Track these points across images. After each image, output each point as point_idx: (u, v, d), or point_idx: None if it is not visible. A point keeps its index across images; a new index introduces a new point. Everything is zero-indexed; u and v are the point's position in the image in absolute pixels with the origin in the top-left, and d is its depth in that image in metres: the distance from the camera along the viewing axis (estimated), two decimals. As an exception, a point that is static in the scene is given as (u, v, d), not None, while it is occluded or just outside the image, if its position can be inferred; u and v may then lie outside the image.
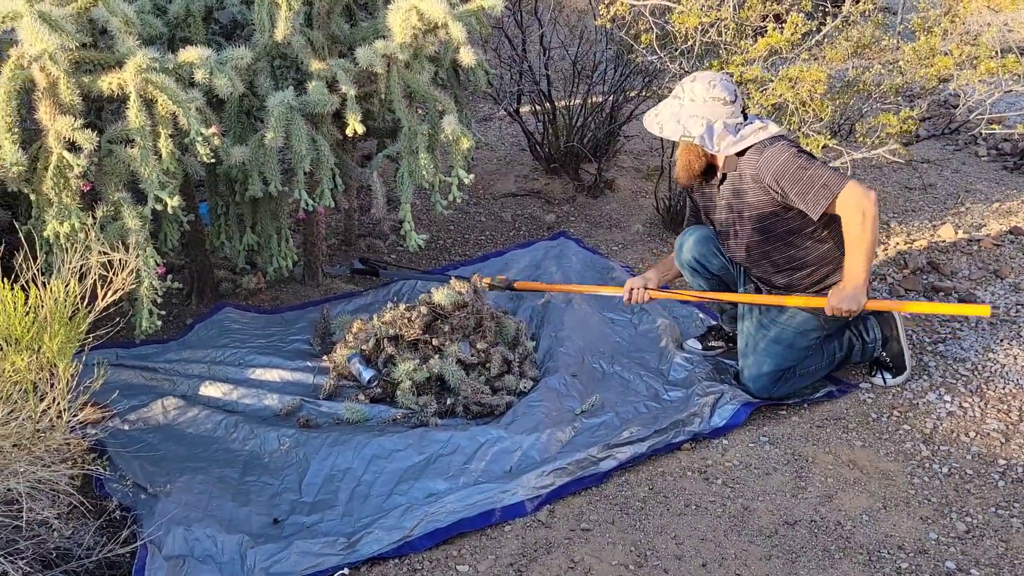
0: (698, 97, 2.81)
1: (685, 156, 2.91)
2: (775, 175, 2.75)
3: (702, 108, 2.80)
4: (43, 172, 2.60)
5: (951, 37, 3.75)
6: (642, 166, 5.05)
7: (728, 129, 2.80)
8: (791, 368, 2.92)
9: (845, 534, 2.37)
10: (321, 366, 3.14)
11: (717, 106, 2.80)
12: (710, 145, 2.80)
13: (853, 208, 2.69)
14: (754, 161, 2.80)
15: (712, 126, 2.80)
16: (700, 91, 2.81)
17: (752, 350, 2.95)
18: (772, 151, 2.78)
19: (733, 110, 2.81)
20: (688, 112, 2.82)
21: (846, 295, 2.76)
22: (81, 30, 2.62)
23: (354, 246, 4.11)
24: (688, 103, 2.83)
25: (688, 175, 2.94)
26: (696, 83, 2.82)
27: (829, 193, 2.70)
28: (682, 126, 2.82)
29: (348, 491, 2.54)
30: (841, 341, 3.01)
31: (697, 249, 3.12)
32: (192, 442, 2.72)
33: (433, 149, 3.21)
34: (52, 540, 2.02)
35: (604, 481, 2.58)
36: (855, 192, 2.69)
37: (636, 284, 3.15)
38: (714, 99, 2.79)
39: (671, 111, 2.87)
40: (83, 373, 2.07)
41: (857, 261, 2.74)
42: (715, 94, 2.79)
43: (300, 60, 3.06)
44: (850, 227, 2.73)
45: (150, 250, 2.76)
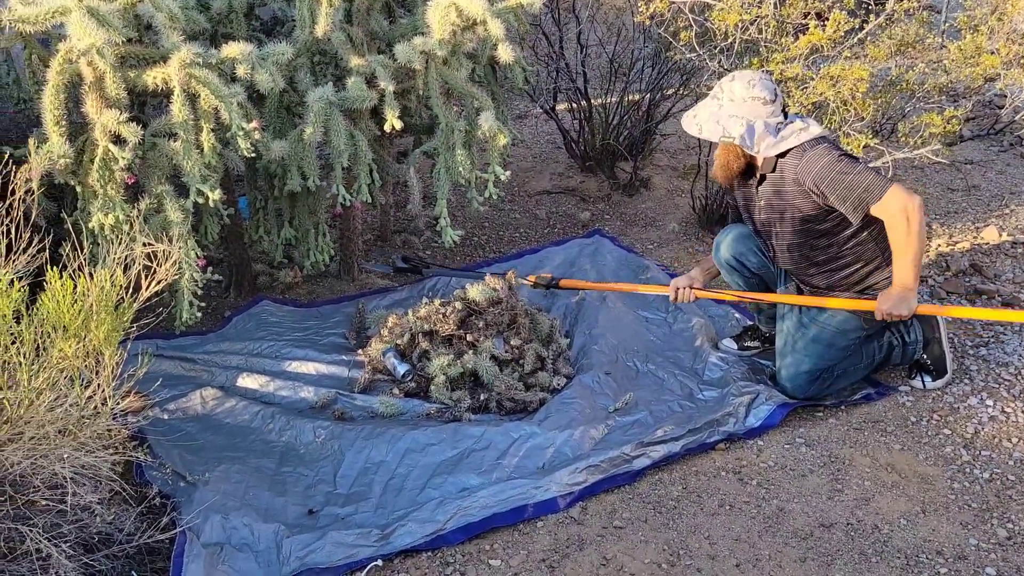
0: (737, 97, 2.77)
1: (724, 156, 2.88)
2: (816, 179, 2.71)
3: (741, 108, 2.77)
4: (89, 165, 2.65)
5: (998, 36, 3.68)
6: (678, 164, 5.02)
7: (768, 130, 2.76)
8: (829, 368, 2.89)
9: (882, 538, 2.34)
10: (356, 360, 3.17)
11: (757, 106, 2.76)
12: (750, 146, 2.77)
13: (897, 213, 2.65)
14: (795, 164, 2.76)
15: (752, 126, 2.76)
16: (739, 90, 2.77)
17: (791, 349, 2.92)
18: (813, 154, 2.74)
19: (773, 109, 2.78)
20: (727, 112, 2.79)
21: (895, 299, 2.72)
22: (127, 25, 2.67)
23: (389, 242, 4.14)
24: (727, 103, 2.79)
25: (727, 175, 2.91)
26: (735, 82, 2.78)
27: (871, 198, 2.66)
28: (721, 127, 2.79)
29: (382, 484, 2.56)
30: (881, 343, 2.97)
31: (735, 247, 3.09)
32: (230, 432, 2.76)
33: (470, 146, 3.23)
34: (94, 525, 2.06)
35: (637, 479, 2.58)
36: (899, 197, 2.64)
37: (682, 283, 3.12)
38: (754, 98, 2.76)
39: (710, 112, 2.84)
40: (126, 362, 2.11)
41: (905, 266, 2.70)
42: (755, 93, 2.76)
43: (339, 56, 3.08)
44: (895, 232, 2.68)
45: (191, 243, 2.80)
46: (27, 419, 1.92)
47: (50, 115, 2.56)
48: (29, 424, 1.93)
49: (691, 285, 3.11)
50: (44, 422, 1.93)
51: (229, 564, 2.18)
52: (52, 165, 2.58)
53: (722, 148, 2.87)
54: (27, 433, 1.93)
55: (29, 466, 1.95)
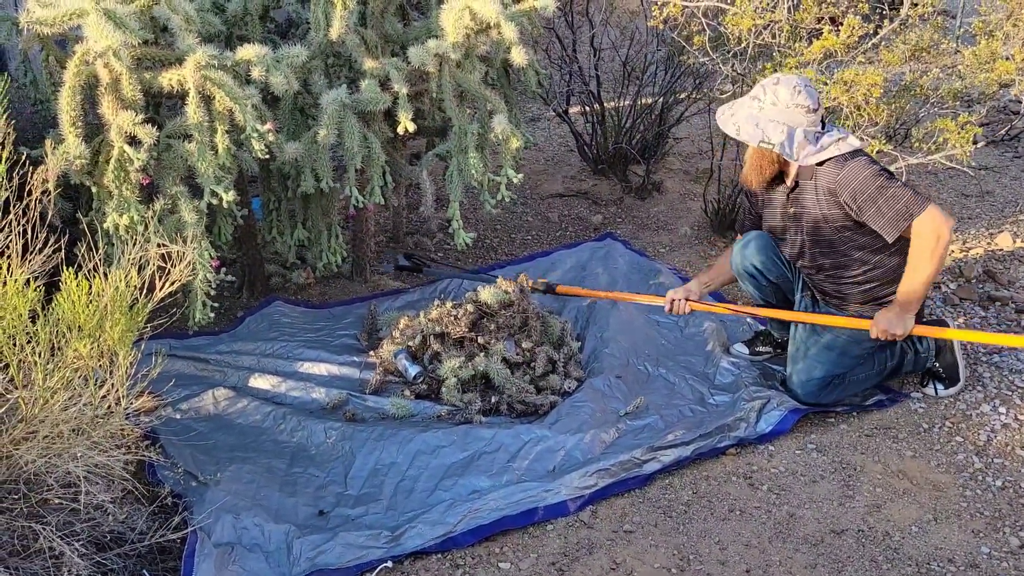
0: (780, 102, 2.72)
1: (757, 160, 2.84)
2: (853, 192, 2.68)
3: (784, 114, 2.72)
4: (104, 165, 2.67)
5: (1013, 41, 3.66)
6: (691, 168, 5.02)
7: (808, 138, 2.72)
8: (841, 375, 2.88)
9: (893, 545, 2.33)
10: (368, 361, 3.18)
11: (799, 113, 2.71)
12: (790, 154, 2.73)
13: (929, 233, 2.61)
14: (833, 175, 2.72)
15: (792, 134, 2.71)
16: (784, 96, 2.72)
17: (803, 355, 2.92)
18: (853, 166, 2.69)
19: (814, 119, 2.73)
20: (768, 116, 2.74)
21: (892, 319, 2.72)
22: (143, 27, 2.69)
23: (402, 243, 4.15)
24: (769, 107, 2.74)
25: (759, 179, 2.88)
26: (780, 87, 2.73)
27: (909, 216, 2.62)
28: (761, 131, 2.73)
29: (392, 485, 2.56)
30: (893, 351, 2.95)
31: (758, 257, 3.06)
32: (241, 432, 2.77)
33: (483, 148, 3.23)
34: (107, 523, 2.08)
35: (647, 483, 2.57)
36: (935, 217, 2.60)
37: (678, 295, 3.11)
38: (797, 106, 2.71)
39: (749, 113, 2.78)
40: (140, 362, 2.12)
41: (914, 285, 2.69)
42: (799, 101, 2.70)
43: (354, 59, 3.09)
44: (919, 250, 2.65)
45: (205, 243, 2.82)
46: (42, 418, 1.94)
47: (66, 116, 2.59)
48: (43, 423, 1.94)
49: (687, 297, 3.10)
50: (58, 421, 1.95)
51: (240, 564, 2.19)
52: (68, 166, 2.60)
53: (756, 153, 2.83)
54: (41, 432, 1.94)
55: (43, 465, 1.96)
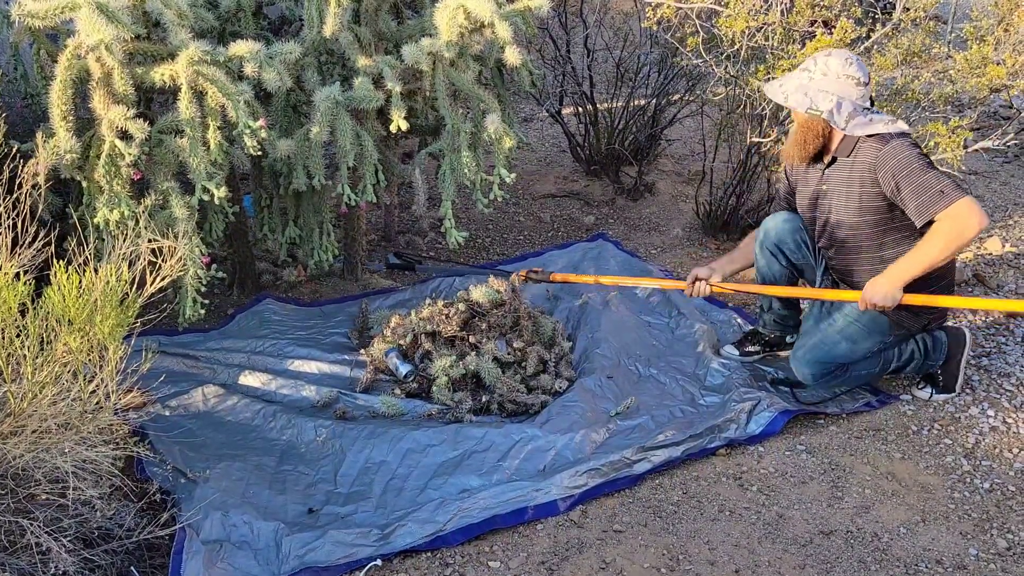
0: (831, 72, 2.71)
1: (802, 134, 2.81)
2: (894, 169, 2.65)
3: (834, 84, 2.71)
4: (95, 160, 2.66)
5: (1004, 46, 3.69)
6: (683, 170, 5.03)
7: (857, 111, 2.70)
8: (845, 366, 2.87)
9: (882, 546, 2.34)
10: (358, 359, 3.17)
11: (849, 85, 2.70)
12: (837, 122, 2.70)
13: (955, 222, 2.57)
14: (875, 150, 2.69)
15: (841, 103, 2.70)
16: (835, 66, 2.70)
17: (816, 335, 2.89)
18: (896, 145, 2.67)
19: (864, 93, 2.72)
20: (817, 86, 2.72)
21: (881, 291, 2.69)
22: (136, 22, 2.68)
23: (393, 242, 4.14)
24: (819, 77, 2.72)
25: (802, 154, 2.84)
26: (832, 58, 2.72)
27: (945, 201, 2.58)
28: (809, 99, 2.71)
29: (382, 483, 2.56)
30: (902, 349, 2.93)
31: (782, 235, 3.04)
32: (231, 430, 2.76)
33: (476, 147, 3.23)
34: (95, 520, 2.06)
35: (638, 483, 2.58)
36: (968, 209, 2.56)
37: (702, 274, 3.07)
38: (848, 76, 2.69)
39: (798, 83, 2.76)
40: (129, 358, 2.11)
41: (911, 265, 2.66)
42: (850, 72, 2.69)
43: (347, 56, 3.09)
44: (937, 233, 2.61)
45: (196, 240, 2.81)
46: (30, 413, 1.93)
47: (57, 110, 2.57)
48: (32, 418, 1.93)
49: (709, 279, 3.06)
50: (47, 416, 1.94)
51: (228, 561, 2.18)
52: (59, 160, 2.59)
53: (801, 127, 2.81)
54: (30, 427, 1.93)
55: (31, 460, 1.95)
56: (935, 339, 2.96)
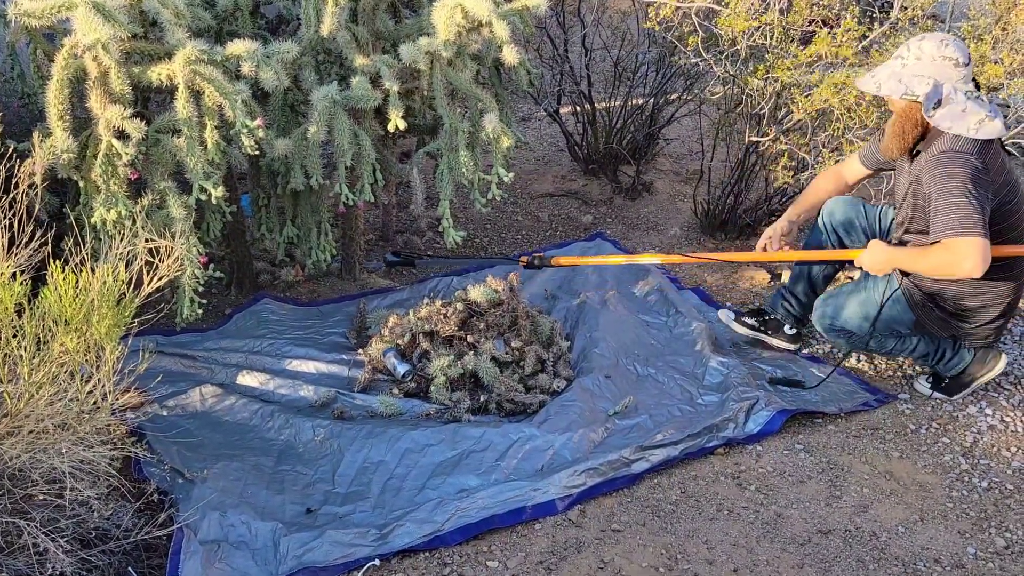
0: (926, 56, 2.56)
1: (900, 124, 2.68)
2: (938, 182, 2.57)
3: (929, 68, 2.56)
4: (92, 160, 2.65)
5: (1001, 45, 3.68)
6: (681, 169, 5.03)
7: (956, 97, 2.55)
8: (861, 338, 2.87)
9: (880, 545, 2.34)
10: (356, 359, 3.17)
11: (947, 66, 2.55)
12: (928, 108, 2.56)
13: (950, 256, 2.55)
14: (934, 153, 2.61)
15: (940, 86, 2.55)
16: (929, 49, 2.56)
17: (843, 292, 2.92)
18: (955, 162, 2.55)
19: (965, 74, 2.57)
20: (912, 72, 2.58)
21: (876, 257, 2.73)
22: (133, 21, 2.67)
23: (391, 242, 4.13)
24: (913, 62, 2.59)
25: (902, 145, 2.72)
26: (925, 41, 2.58)
27: (956, 232, 2.52)
28: (904, 85, 2.58)
29: (381, 483, 2.56)
30: (934, 340, 2.91)
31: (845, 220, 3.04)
32: (229, 430, 2.76)
33: (473, 147, 3.22)
34: (92, 520, 2.06)
35: (636, 483, 2.58)
36: (970, 251, 2.50)
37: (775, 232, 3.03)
38: (944, 58, 2.54)
39: (891, 71, 2.63)
40: (126, 358, 2.10)
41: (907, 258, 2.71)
42: (946, 53, 2.54)
43: (344, 55, 3.08)
44: (932, 254, 2.61)
45: (193, 239, 2.80)
46: (27, 413, 1.92)
47: (54, 110, 2.56)
48: (29, 418, 1.93)
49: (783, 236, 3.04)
50: (44, 416, 1.93)
51: (226, 562, 2.18)
52: (55, 160, 2.58)
53: (897, 117, 2.69)
54: (26, 427, 1.93)
55: (28, 460, 1.95)
56: (957, 354, 2.94)
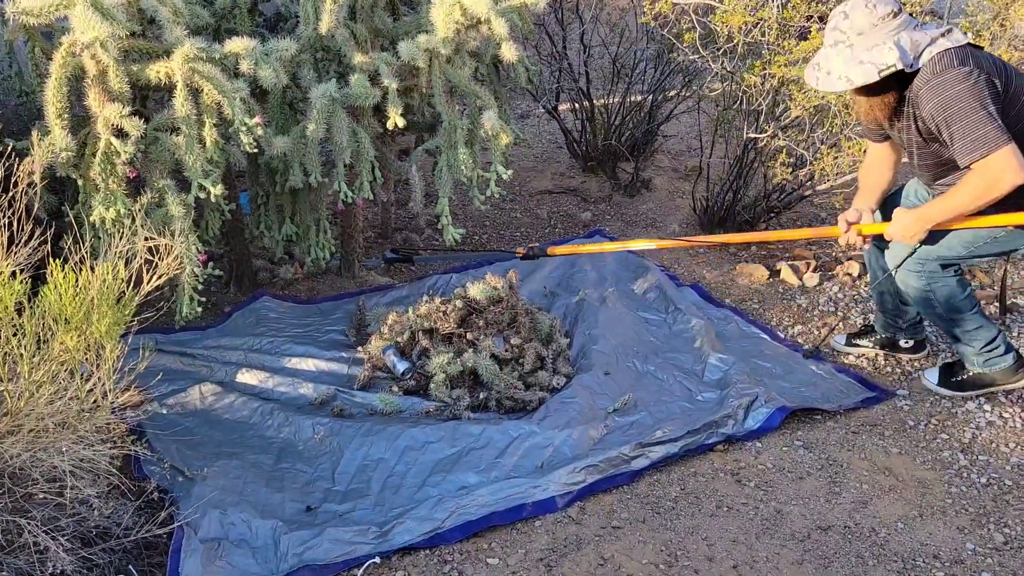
0: (866, 26, 2.47)
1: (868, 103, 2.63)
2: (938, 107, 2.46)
3: (877, 34, 2.47)
4: (91, 158, 2.65)
5: (1000, 41, 3.68)
6: (679, 166, 5.03)
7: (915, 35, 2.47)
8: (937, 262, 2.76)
9: (880, 541, 2.35)
10: (356, 357, 3.17)
11: (889, 23, 2.47)
12: (910, 61, 2.47)
13: (984, 176, 2.43)
14: (925, 80, 2.49)
15: (900, 43, 2.46)
16: (863, 19, 2.47)
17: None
18: (948, 78, 2.43)
19: (905, 18, 2.49)
20: (865, 46, 2.48)
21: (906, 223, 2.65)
22: (131, 19, 2.67)
23: (390, 239, 4.14)
24: (857, 39, 2.49)
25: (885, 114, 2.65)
26: (854, 16, 2.48)
27: (983, 151, 2.40)
28: (873, 64, 2.47)
29: (381, 481, 2.56)
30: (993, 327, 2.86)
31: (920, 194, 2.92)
32: (228, 428, 2.76)
33: (472, 144, 3.23)
34: (92, 519, 2.06)
35: (635, 480, 2.58)
36: (1005, 162, 2.39)
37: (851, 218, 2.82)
38: (881, 19, 2.46)
39: (843, 59, 2.51)
40: (126, 356, 2.11)
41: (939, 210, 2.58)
42: (880, 13, 2.46)
43: (343, 53, 3.08)
44: (966, 186, 2.49)
45: (192, 237, 2.80)
46: (27, 412, 1.92)
47: (52, 108, 2.56)
48: (29, 417, 1.93)
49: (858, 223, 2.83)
50: (44, 415, 1.93)
51: (227, 560, 2.18)
52: (54, 158, 2.58)
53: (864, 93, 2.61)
54: (27, 426, 1.93)
55: (28, 459, 1.95)
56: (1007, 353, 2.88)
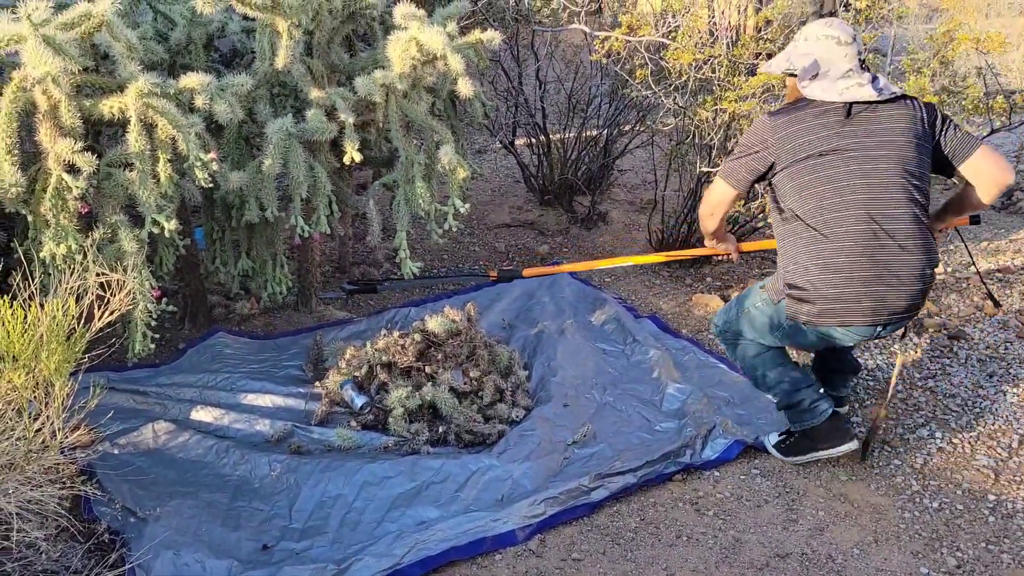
0: (811, 36, 2.66)
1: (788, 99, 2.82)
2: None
3: (814, 46, 2.64)
4: (41, 194, 2.61)
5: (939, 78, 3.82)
6: (635, 199, 5.10)
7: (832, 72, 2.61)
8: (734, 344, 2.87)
9: (836, 568, 2.37)
10: (313, 392, 3.14)
11: (830, 44, 2.61)
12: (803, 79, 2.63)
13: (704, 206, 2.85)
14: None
15: (818, 63, 2.62)
16: (814, 30, 2.66)
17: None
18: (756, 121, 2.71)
19: (848, 52, 2.60)
20: (800, 51, 2.68)
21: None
22: (84, 54, 2.64)
23: (348, 273, 4.12)
24: (802, 43, 2.69)
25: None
26: (814, 25, 2.70)
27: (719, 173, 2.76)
28: (788, 61, 2.69)
29: (339, 517, 2.52)
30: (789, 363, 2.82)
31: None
32: (182, 466, 2.71)
33: (429, 178, 3.24)
34: (40, 562, 2.01)
35: (595, 511, 2.58)
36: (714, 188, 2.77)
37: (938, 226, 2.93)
38: (827, 37, 2.62)
39: (786, 53, 2.74)
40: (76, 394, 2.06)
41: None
42: (828, 32, 2.62)
43: (299, 88, 3.09)
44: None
45: (146, 273, 2.77)
46: (-28, 453, 1.87)
47: (2, 143, 2.52)
48: (-26, 458, 1.88)
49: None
50: (-11, 456, 1.88)
51: (180, 601, 2.13)
52: (3, 194, 2.54)
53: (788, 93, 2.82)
54: (-29, 467, 1.87)
55: (-28, 501, 1.89)
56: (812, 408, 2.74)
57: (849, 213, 2.53)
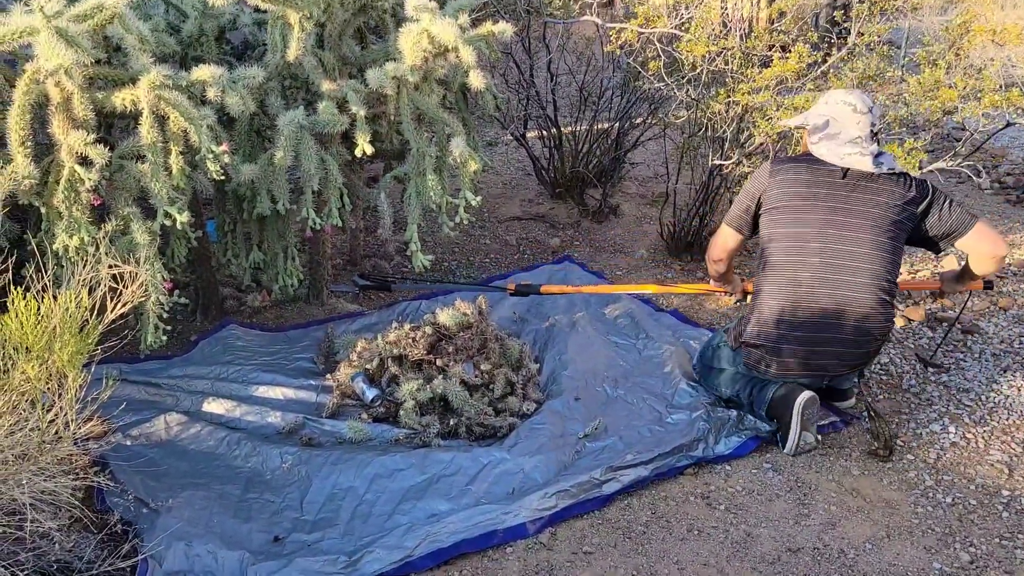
0: (832, 100, 2.87)
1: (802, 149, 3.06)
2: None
3: (832, 109, 2.85)
4: (54, 186, 2.62)
5: (955, 70, 3.79)
6: (647, 192, 5.08)
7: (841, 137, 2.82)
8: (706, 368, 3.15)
9: (848, 562, 2.36)
10: (324, 385, 3.14)
11: (845, 110, 2.82)
12: (813, 134, 2.87)
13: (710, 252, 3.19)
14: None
15: (829, 123, 2.83)
16: (836, 95, 2.87)
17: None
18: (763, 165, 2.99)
19: (861, 120, 2.81)
20: (818, 111, 2.89)
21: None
22: (96, 46, 2.65)
23: (359, 266, 4.12)
24: (822, 104, 2.90)
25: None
26: (839, 91, 2.92)
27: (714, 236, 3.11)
28: (804, 117, 2.92)
29: (350, 510, 2.53)
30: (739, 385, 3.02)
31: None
32: (194, 458, 2.72)
33: (441, 171, 3.24)
34: (53, 552, 2.02)
35: (606, 504, 2.57)
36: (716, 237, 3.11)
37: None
38: (844, 103, 2.83)
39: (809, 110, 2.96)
40: (89, 386, 2.07)
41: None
42: (847, 100, 2.83)
43: (311, 80, 3.09)
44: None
45: (158, 265, 2.77)
46: (-14, 443, 1.88)
47: (15, 135, 2.53)
48: (-12, 449, 1.89)
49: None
50: (3, 447, 1.89)
51: (192, 592, 2.14)
52: (16, 186, 2.55)
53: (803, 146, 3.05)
54: (-15, 458, 1.88)
55: (-13, 492, 1.90)
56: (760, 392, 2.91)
57: (804, 273, 2.79)
